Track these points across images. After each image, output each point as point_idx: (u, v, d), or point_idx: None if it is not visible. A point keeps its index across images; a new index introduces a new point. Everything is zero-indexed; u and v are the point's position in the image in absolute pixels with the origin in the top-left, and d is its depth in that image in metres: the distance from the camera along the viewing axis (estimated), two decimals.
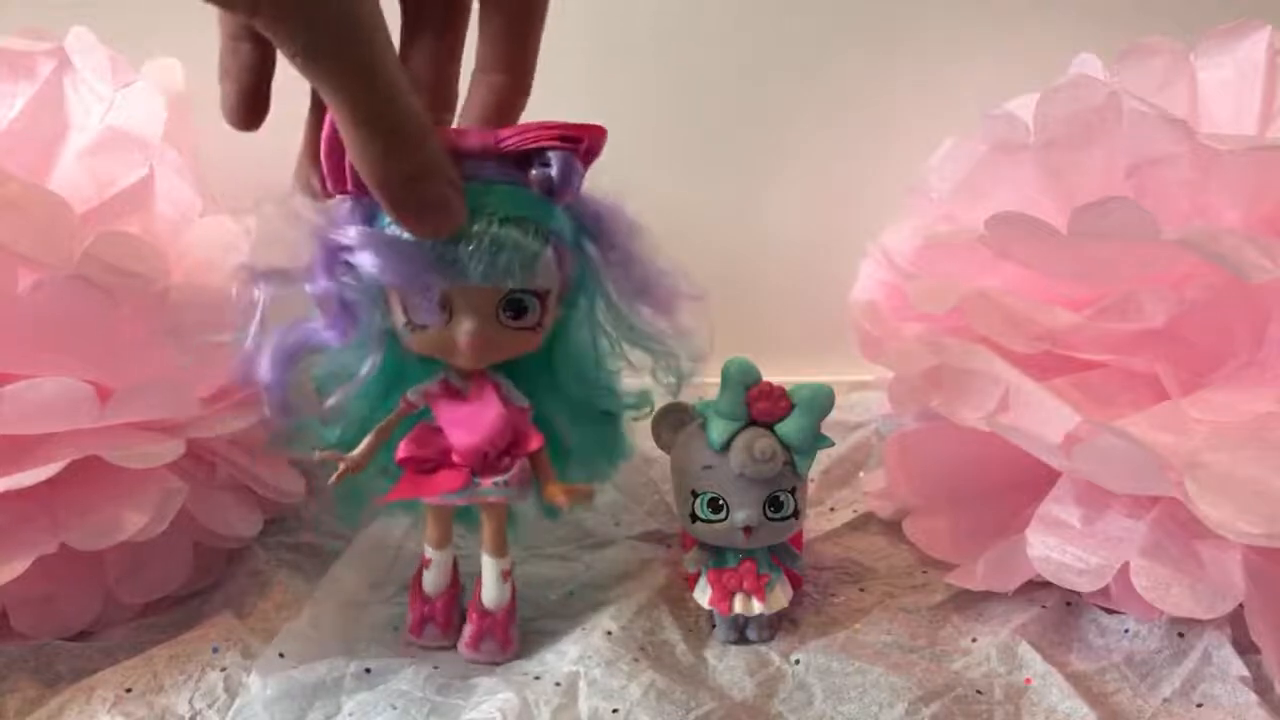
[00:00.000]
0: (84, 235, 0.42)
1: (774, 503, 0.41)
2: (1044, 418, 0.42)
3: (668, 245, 0.40)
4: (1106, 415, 0.41)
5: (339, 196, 0.36)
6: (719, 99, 0.68)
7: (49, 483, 0.40)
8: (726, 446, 0.41)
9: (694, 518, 0.42)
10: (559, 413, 0.42)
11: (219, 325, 0.38)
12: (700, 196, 0.69)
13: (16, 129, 0.46)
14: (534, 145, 0.35)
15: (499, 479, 0.39)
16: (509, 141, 0.35)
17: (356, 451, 0.39)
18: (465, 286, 0.36)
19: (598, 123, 0.37)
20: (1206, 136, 0.43)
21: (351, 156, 0.32)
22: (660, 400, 0.44)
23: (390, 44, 0.31)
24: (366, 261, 0.35)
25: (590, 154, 0.37)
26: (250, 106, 0.35)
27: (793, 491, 0.42)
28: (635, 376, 0.43)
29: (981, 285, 0.47)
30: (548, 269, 0.37)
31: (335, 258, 0.36)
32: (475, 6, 0.37)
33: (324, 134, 0.34)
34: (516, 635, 0.43)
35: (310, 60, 0.30)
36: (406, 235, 0.34)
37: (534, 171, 0.36)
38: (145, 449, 0.43)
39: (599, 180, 0.38)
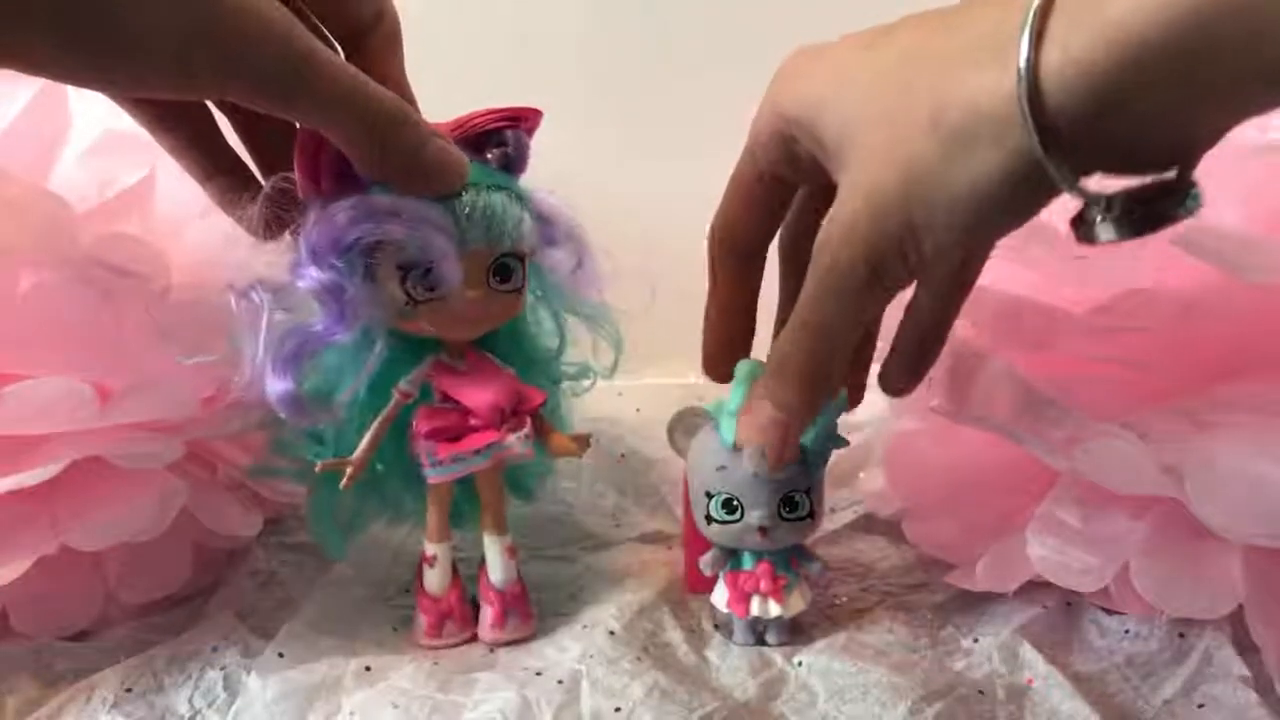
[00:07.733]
0: (84, 235, 0.42)
1: (789, 503, 0.41)
2: (1044, 418, 0.42)
3: (670, 245, 0.40)
4: (1106, 415, 0.41)
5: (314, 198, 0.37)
6: (721, 98, 0.68)
7: (49, 483, 0.40)
8: (739, 446, 0.40)
9: (709, 519, 0.42)
10: (539, 379, 0.44)
11: (217, 328, 0.38)
12: (702, 197, 0.69)
13: (16, 129, 0.46)
14: (492, 127, 0.39)
15: (519, 434, 0.41)
16: (468, 127, 0.39)
17: (358, 451, 0.40)
18: (462, 253, 0.38)
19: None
20: None
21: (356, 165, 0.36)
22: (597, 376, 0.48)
23: (322, 46, 0.32)
24: (377, 231, 0.36)
25: (530, 132, 0.41)
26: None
27: (808, 492, 0.41)
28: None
29: (982, 285, 0.47)
30: (529, 230, 0.40)
31: (331, 243, 0.36)
32: None
33: (298, 143, 0.36)
34: (534, 612, 0.44)
35: (290, 106, 0.33)
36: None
37: (492, 150, 0.39)
38: (145, 449, 0.43)
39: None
